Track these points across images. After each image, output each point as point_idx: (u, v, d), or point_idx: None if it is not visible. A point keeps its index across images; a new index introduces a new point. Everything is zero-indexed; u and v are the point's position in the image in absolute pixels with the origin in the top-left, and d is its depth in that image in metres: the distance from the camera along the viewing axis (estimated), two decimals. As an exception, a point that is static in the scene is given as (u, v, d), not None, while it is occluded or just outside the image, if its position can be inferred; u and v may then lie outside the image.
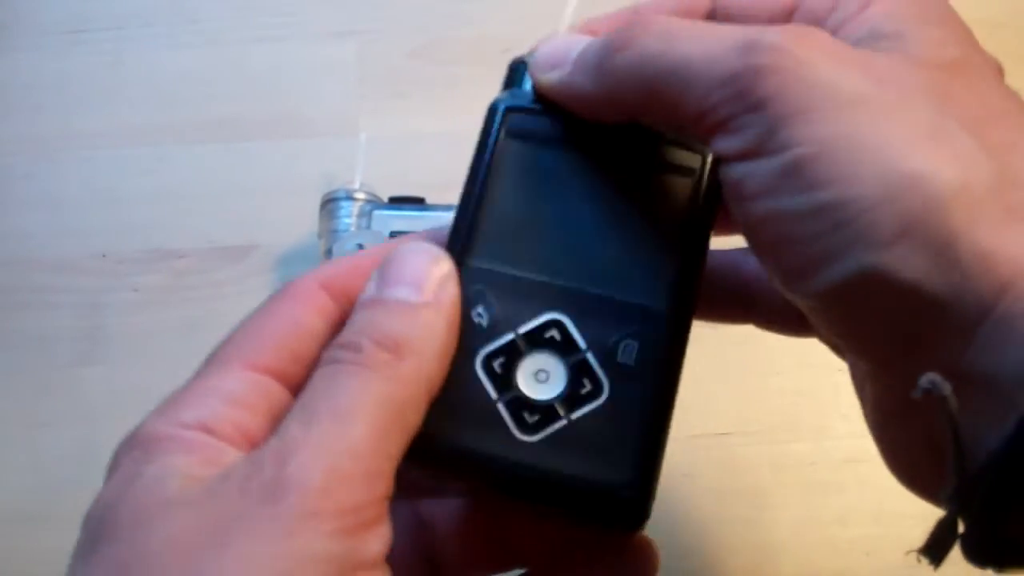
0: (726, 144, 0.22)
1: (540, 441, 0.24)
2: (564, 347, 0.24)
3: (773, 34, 0.22)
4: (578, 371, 0.24)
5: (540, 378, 0.24)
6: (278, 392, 0.23)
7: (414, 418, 0.22)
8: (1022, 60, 0.48)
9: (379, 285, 0.23)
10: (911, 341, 0.21)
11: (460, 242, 0.25)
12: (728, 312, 0.30)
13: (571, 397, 0.24)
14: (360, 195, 0.42)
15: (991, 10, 0.49)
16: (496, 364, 0.24)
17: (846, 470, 0.41)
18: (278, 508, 0.19)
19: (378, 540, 0.21)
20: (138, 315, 0.45)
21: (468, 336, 0.24)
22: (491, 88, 0.48)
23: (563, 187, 0.26)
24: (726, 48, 0.22)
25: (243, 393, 0.23)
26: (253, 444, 0.22)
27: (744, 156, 0.22)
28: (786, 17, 0.26)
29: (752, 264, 0.29)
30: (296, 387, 0.23)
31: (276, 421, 0.22)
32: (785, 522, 0.41)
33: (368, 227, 0.41)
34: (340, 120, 0.48)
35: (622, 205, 0.26)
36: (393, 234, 0.41)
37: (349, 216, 0.41)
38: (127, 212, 0.47)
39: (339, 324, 0.24)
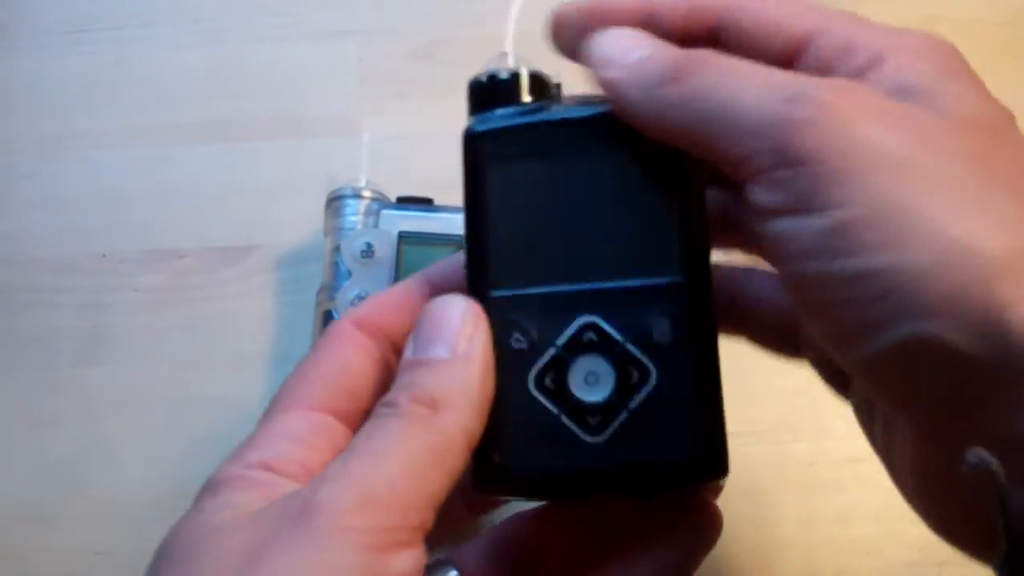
0: (766, 196, 0.22)
1: (609, 438, 0.25)
2: (604, 345, 0.25)
3: (818, 87, 0.22)
4: (623, 363, 0.25)
5: (591, 380, 0.25)
6: (338, 428, 0.25)
7: (454, 463, 0.23)
8: (1022, 60, 0.49)
9: (415, 347, 0.25)
10: (959, 407, 0.21)
11: (478, 278, 0.26)
12: (725, 331, 0.30)
13: (624, 389, 0.25)
14: (367, 193, 0.42)
15: (991, 10, 0.49)
16: (548, 380, 0.25)
17: (846, 470, 0.41)
18: (310, 524, 0.21)
19: (407, 560, 0.22)
20: (139, 315, 0.45)
21: (514, 363, 0.25)
22: (492, 88, 0.48)
23: (555, 195, 0.26)
24: (772, 95, 0.22)
25: (304, 432, 0.25)
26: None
27: (784, 212, 0.22)
28: (793, 54, 0.25)
29: (747, 282, 0.30)
30: (353, 421, 0.25)
31: (338, 453, 0.24)
32: (786, 521, 0.41)
33: (375, 226, 0.41)
34: (341, 120, 0.48)
35: (614, 195, 0.26)
36: (401, 234, 0.41)
37: (355, 214, 0.41)
38: (128, 212, 0.47)
39: (379, 359, 0.26)
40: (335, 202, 0.42)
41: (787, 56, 0.26)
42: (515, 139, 0.27)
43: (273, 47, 0.50)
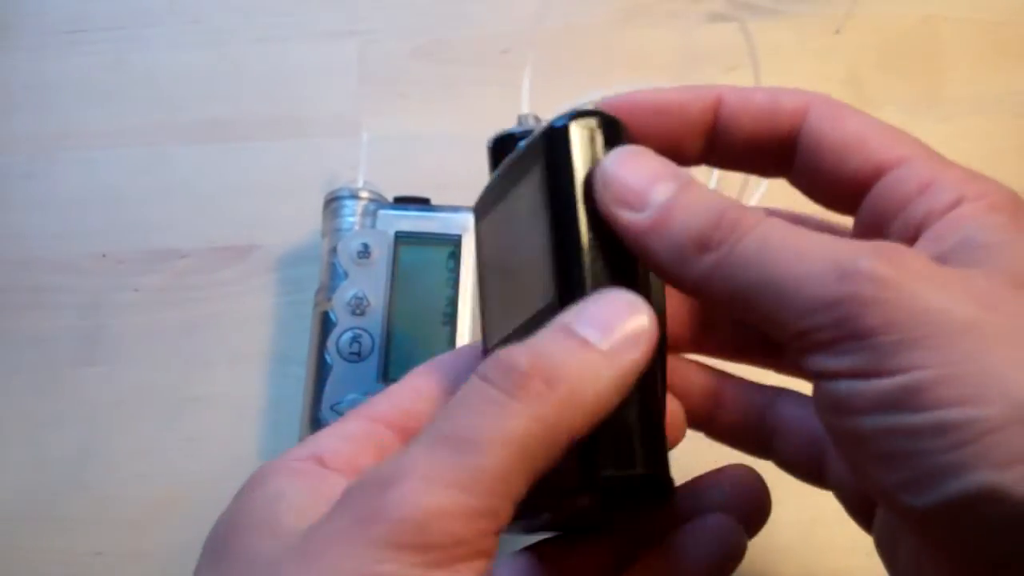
0: (830, 363, 0.22)
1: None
2: None
3: (870, 260, 0.21)
4: None
5: None
6: (390, 437, 0.26)
7: (544, 463, 0.22)
8: (1022, 60, 0.49)
9: (573, 316, 0.23)
10: (1015, 564, 0.21)
11: (483, 339, 0.28)
12: (750, 450, 0.30)
13: None
14: (364, 194, 0.42)
15: (991, 10, 0.49)
16: None
17: (846, 470, 0.41)
18: (371, 532, 0.20)
19: (472, 572, 0.21)
20: (139, 315, 0.45)
21: None
22: (492, 88, 0.49)
23: (502, 242, 0.28)
24: (824, 273, 0.22)
25: (355, 433, 0.25)
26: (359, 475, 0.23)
27: (852, 375, 0.22)
28: (870, 178, 0.25)
29: (776, 406, 0.29)
30: (407, 436, 0.25)
31: (384, 457, 0.24)
32: (786, 522, 0.41)
33: (373, 226, 0.41)
34: (341, 120, 0.48)
35: (526, 229, 0.26)
36: (398, 234, 0.41)
37: (353, 215, 0.41)
38: (127, 212, 0.47)
39: (450, 389, 0.26)
40: (333, 203, 0.42)
41: (862, 178, 0.25)
42: (482, 199, 0.29)
43: (273, 47, 0.50)
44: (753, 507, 0.29)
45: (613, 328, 0.23)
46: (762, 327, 0.23)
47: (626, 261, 0.25)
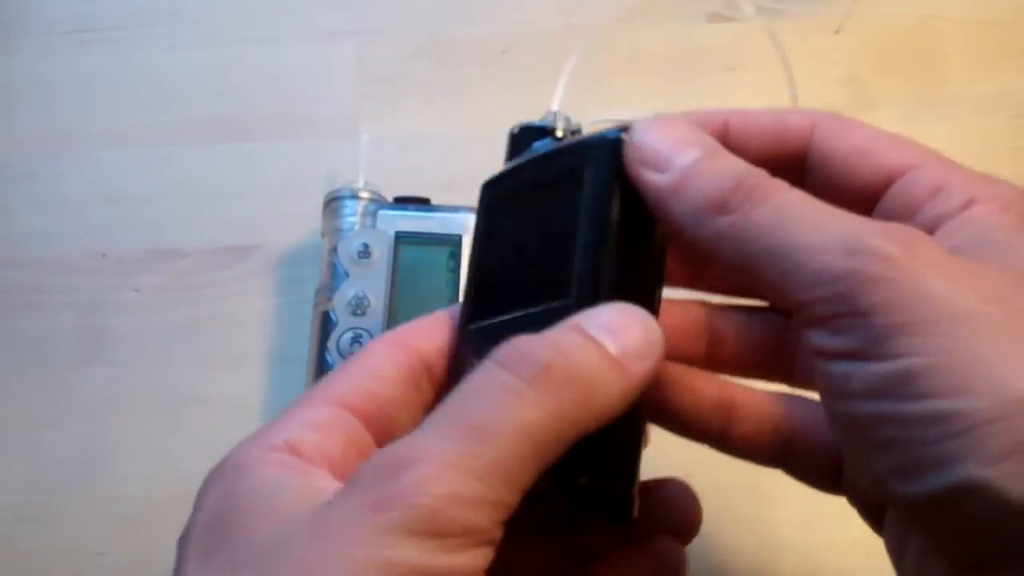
0: (827, 341, 0.22)
1: None
2: None
3: (881, 239, 0.22)
4: None
5: None
6: (355, 424, 0.25)
7: (550, 458, 0.22)
8: (1022, 60, 0.49)
9: (590, 319, 0.23)
10: (1003, 557, 0.21)
11: (465, 313, 0.28)
12: (763, 461, 0.30)
13: None
14: (364, 194, 0.42)
15: (991, 10, 0.49)
16: None
17: (847, 470, 0.41)
18: (384, 517, 0.20)
19: (480, 558, 0.21)
20: (139, 315, 0.45)
21: None
22: (491, 88, 0.49)
23: (515, 231, 0.28)
24: (834, 245, 0.22)
25: (323, 421, 0.25)
26: (332, 466, 0.23)
27: (846, 355, 0.22)
28: (881, 186, 0.26)
29: (794, 416, 0.29)
30: (373, 424, 0.25)
31: (355, 450, 0.24)
32: (786, 522, 0.41)
33: (373, 227, 0.41)
34: (341, 120, 0.48)
35: (546, 225, 0.27)
36: (398, 234, 0.41)
37: (353, 215, 0.42)
38: (128, 212, 0.47)
39: (406, 369, 0.26)
40: (333, 203, 0.42)
41: (873, 187, 0.26)
42: (496, 184, 0.29)
43: (273, 47, 0.50)
44: (687, 525, 0.29)
45: (628, 339, 0.23)
46: (769, 296, 0.24)
47: (649, 282, 0.26)
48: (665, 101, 0.48)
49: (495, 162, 0.47)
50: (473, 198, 0.42)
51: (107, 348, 0.45)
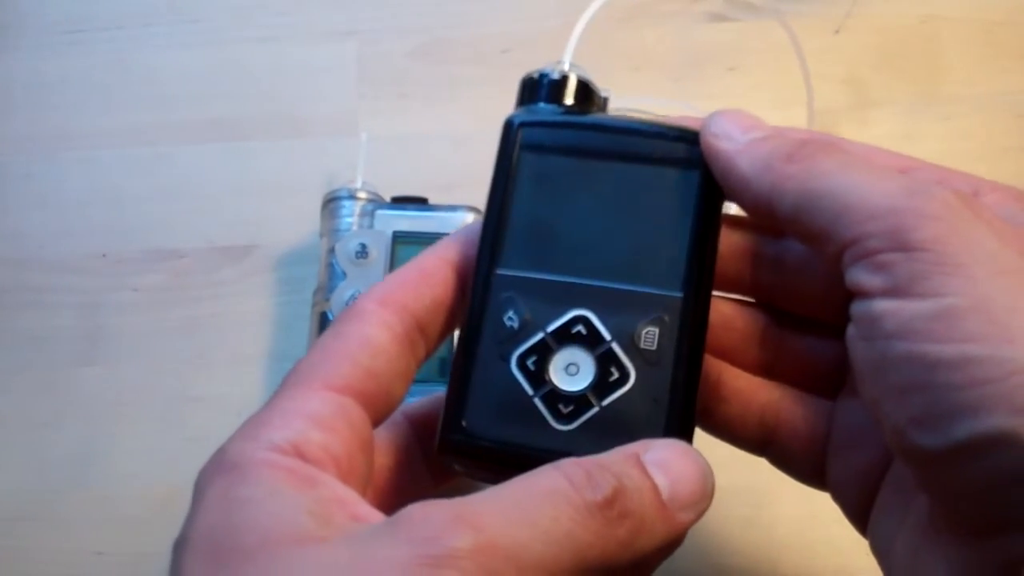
0: (869, 278, 0.23)
1: (576, 428, 0.26)
2: (590, 340, 0.26)
3: (943, 188, 0.23)
4: (605, 361, 0.26)
5: (571, 371, 0.26)
6: (357, 413, 0.24)
7: (583, 574, 0.22)
8: (1022, 59, 0.49)
9: (652, 451, 0.24)
10: (1019, 518, 0.21)
11: (488, 253, 0.27)
12: (745, 446, 0.30)
13: (600, 386, 0.26)
14: (362, 194, 0.42)
15: (991, 10, 0.49)
16: (529, 362, 0.26)
17: (846, 470, 0.41)
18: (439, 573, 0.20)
19: None
20: (138, 315, 0.45)
21: (501, 339, 0.27)
22: (491, 88, 0.49)
23: (577, 192, 0.28)
24: (896, 185, 0.23)
25: (326, 414, 0.24)
26: (339, 466, 0.23)
27: (888, 293, 0.22)
28: None
29: (779, 404, 0.30)
30: (372, 404, 0.25)
31: (359, 442, 0.24)
32: (785, 520, 0.41)
33: (370, 227, 0.41)
34: (340, 120, 0.48)
35: (633, 202, 0.27)
36: (396, 234, 0.41)
37: (351, 215, 0.42)
38: (127, 212, 0.47)
39: (402, 336, 0.26)
40: (331, 203, 0.42)
41: None
42: (550, 133, 0.29)
43: (272, 47, 0.50)
44: None
45: (681, 487, 0.23)
46: (817, 240, 0.24)
47: (710, 285, 0.27)
48: (665, 101, 0.48)
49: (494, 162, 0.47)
50: (472, 198, 0.42)
51: (106, 348, 0.45)
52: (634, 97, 0.47)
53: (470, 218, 0.41)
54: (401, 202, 0.42)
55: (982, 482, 0.21)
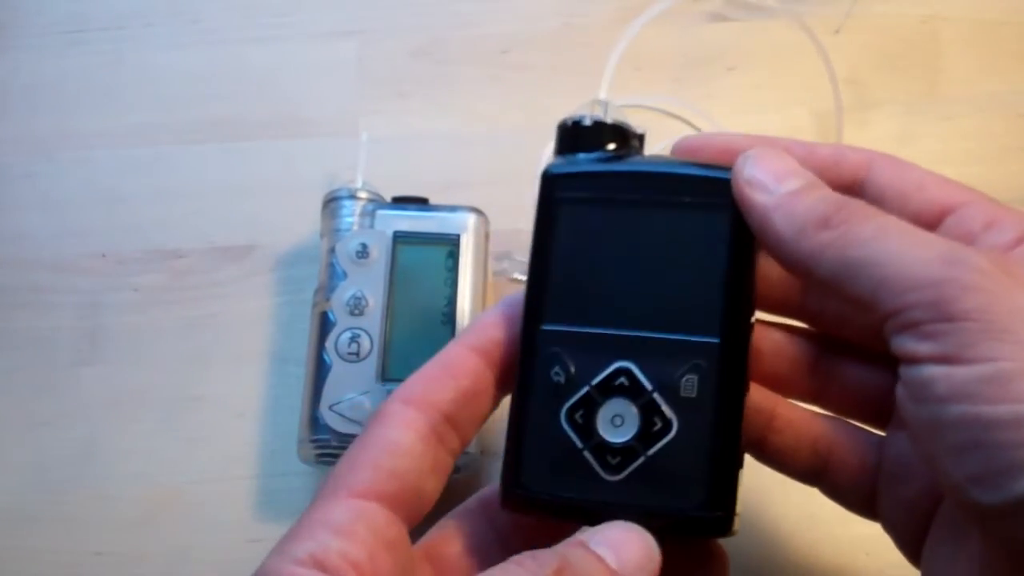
0: (916, 346, 0.23)
1: (625, 479, 0.27)
2: (633, 391, 0.27)
3: (979, 255, 0.23)
4: (648, 411, 0.27)
5: (616, 423, 0.27)
6: (381, 514, 0.25)
7: None
8: (1022, 59, 0.49)
9: (593, 536, 0.25)
10: None
11: (534, 309, 0.28)
12: (797, 476, 0.31)
13: (645, 435, 0.27)
14: (363, 194, 0.42)
15: (991, 10, 0.49)
16: (578, 416, 0.27)
17: (846, 470, 0.41)
18: None
19: None
20: (138, 315, 0.45)
21: (550, 394, 0.28)
22: (491, 88, 0.49)
23: (615, 242, 0.28)
24: (932, 256, 0.23)
25: (347, 523, 0.25)
26: (360, 571, 0.24)
27: (937, 360, 0.23)
28: (932, 219, 0.27)
29: (832, 436, 0.30)
30: (401, 504, 0.26)
31: (383, 544, 0.25)
32: (786, 520, 0.41)
33: (371, 227, 0.41)
34: (340, 120, 0.48)
35: (668, 250, 0.28)
36: (396, 234, 0.41)
37: (351, 215, 0.41)
38: (127, 212, 0.47)
39: (428, 432, 0.27)
40: (331, 203, 0.42)
41: (927, 219, 0.27)
42: (586, 184, 0.29)
43: (272, 47, 0.50)
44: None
45: (627, 555, 0.25)
46: (859, 306, 0.24)
47: (748, 327, 0.28)
48: (666, 101, 0.48)
49: (494, 162, 0.47)
50: (471, 198, 0.42)
51: (106, 347, 0.45)
52: (634, 97, 0.47)
53: (470, 218, 0.41)
54: (401, 202, 0.42)
55: None
